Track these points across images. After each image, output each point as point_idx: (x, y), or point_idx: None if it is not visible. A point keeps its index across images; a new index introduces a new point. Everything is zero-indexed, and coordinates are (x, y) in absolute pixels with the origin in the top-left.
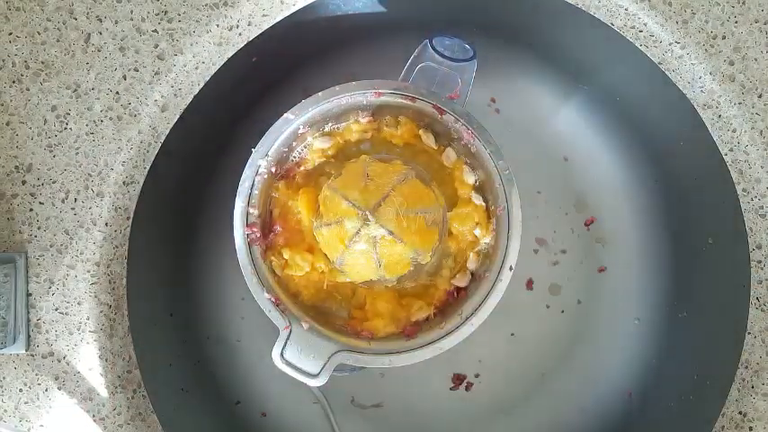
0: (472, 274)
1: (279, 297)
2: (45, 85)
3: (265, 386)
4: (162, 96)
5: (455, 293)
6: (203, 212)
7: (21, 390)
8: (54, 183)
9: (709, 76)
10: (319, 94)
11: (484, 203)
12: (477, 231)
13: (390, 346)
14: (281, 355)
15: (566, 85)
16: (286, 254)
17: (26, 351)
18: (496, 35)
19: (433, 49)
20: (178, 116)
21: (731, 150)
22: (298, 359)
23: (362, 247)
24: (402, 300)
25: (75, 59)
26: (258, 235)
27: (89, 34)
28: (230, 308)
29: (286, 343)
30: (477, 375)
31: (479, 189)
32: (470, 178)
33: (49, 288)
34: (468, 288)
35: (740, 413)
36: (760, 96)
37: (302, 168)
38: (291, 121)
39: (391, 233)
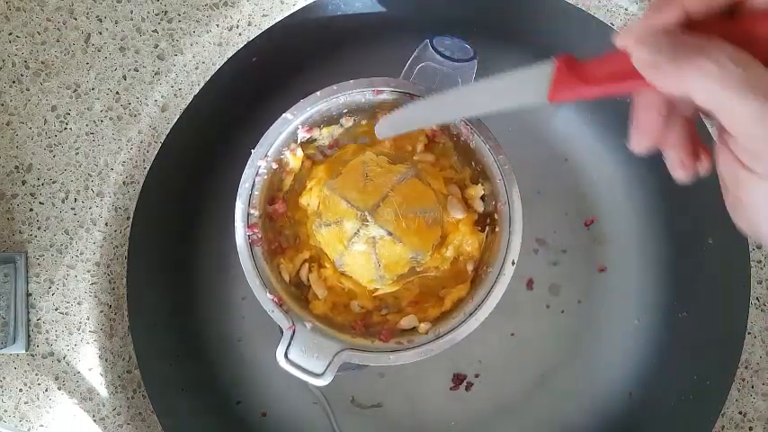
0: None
1: (281, 297)
2: (45, 85)
3: (265, 386)
4: (162, 96)
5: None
6: (203, 212)
7: (21, 390)
8: (54, 183)
9: None
10: (318, 93)
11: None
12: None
13: (394, 343)
14: (286, 355)
15: None
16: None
17: (26, 351)
18: (496, 35)
19: (434, 49)
20: (178, 116)
21: None
22: (302, 359)
23: (362, 247)
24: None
25: (75, 59)
26: (259, 236)
27: (89, 34)
28: (230, 307)
29: (290, 343)
30: (477, 375)
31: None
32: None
33: (49, 288)
34: (471, 284)
35: (740, 413)
36: None
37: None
38: (290, 121)
39: (390, 234)
